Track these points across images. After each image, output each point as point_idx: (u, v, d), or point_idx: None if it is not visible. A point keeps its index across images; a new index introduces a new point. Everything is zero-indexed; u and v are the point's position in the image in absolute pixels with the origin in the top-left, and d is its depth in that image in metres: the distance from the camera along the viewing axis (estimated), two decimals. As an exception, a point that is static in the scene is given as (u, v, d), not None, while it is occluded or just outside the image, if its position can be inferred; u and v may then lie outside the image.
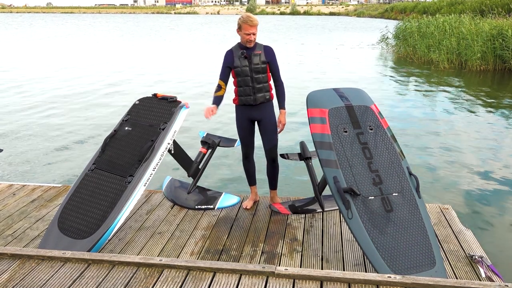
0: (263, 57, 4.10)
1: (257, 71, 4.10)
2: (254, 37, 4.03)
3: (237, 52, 4.10)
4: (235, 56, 4.10)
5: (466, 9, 28.47)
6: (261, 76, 4.12)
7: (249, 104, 4.16)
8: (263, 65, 4.11)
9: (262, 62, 4.10)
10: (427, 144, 8.23)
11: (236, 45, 4.17)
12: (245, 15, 4.05)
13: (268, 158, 4.38)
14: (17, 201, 4.78)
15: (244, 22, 3.98)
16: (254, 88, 4.11)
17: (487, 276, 3.33)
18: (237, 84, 4.15)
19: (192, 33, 44.95)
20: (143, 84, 14.72)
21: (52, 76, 16.72)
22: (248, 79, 4.10)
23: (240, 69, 4.09)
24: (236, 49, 4.13)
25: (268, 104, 4.24)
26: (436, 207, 4.53)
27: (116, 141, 4.21)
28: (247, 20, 3.97)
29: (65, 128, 9.44)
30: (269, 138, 4.27)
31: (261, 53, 4.10)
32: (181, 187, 4.86)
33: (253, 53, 4.09)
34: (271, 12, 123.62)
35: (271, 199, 4.58)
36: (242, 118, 4.25)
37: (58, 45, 30.23)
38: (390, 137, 3.70)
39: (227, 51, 4.16)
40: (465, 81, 15.16)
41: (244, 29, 3.99)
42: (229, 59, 4.12)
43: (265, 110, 4.22)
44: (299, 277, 2.83)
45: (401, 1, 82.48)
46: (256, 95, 4.13)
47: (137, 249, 3.80)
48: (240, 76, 4.11)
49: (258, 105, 4.18)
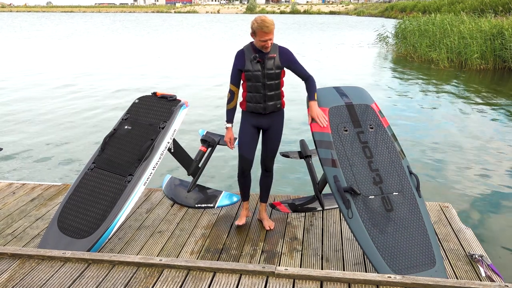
0: (277, 61, 3.67)
1: (271, 77, 3.68)
2: (270, 43, 3.60)
3: (249, 54, 3.68)
4: (247, 58, 3.67)
5: (466, 8, 28.44)
6: (274, 83, 3.71)
7: (258, 112, 3.78)
8: (277, 71, 3.69)
9: (276, 67, 3.68)
10: (427, 143, 8.23)
11: (249, 45, 3.73)
12: (259, 19, 3.56)
13: (264, 168, 4.07)
14: (17, 200, 4.77)
15: (259, 28, 3.52)
16: (266, 96, 3.71)
17: (487, 275, 3.32)
18: (246, 89, 3.75)
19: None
20: (143, 83, 14.70)
21: (52, 74, 16.71)
22: (260, 86, 3.69)
23: (251, 73, 3.67)
24: (248, 50, 3.70)
25: (279, 113, 3.86)
26: (436, 205, 4.53)
27: (116, 140, 4.21)
28: (262, 26, 3.51)
29: (64, 127, 9.43)
30: (271, 147, 3.95)
31: (275, 57, 3.67)
32: (181, 185, 4.85)
33: (267, 56, 3.65)
34: (271, 11, 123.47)
35: (259, 213, 4.23)
36: (247, 124, 3.86)
37: (57, 46, 30.21)
38: (391, 136, 3.69)
39: (238, 52, 3.74)
40: (465, 80, 15.16)
41: (259, 35, 3.55)
42: (240, 61, 3.70)
43: (275, 119, 3.85)
44: (299, 277, 2.82)
45: (401, 0, 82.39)
46: (267, 103, 3.74)
47: (137, 248, 3.79)
48: (250, 81, 3.70)
49: (268, 114, 3.81)
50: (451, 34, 18.54)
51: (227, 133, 3.88)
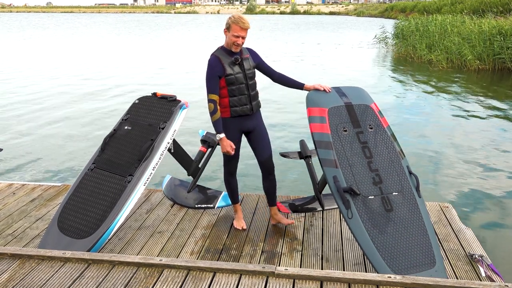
0: (251, 61, 3.79)
1: (250, 76, 3.75)
2: (242, 41, 3.61)
3: (225, 58, 3.64)
4: (224, 62, 3.63)
5: (466, 8, 28.45)
6: (254, 82, 3.81)
7: (246, 114, 3.76)
8: (254, 70, 3.81)
9: (252, 66, 3.79)
10: (427, 143, 8.23)
11: (220, 51, 3.70)
12: (237, 15, 3.63)
13: (264, 171, 4.01)
14: (17, 201, 4.77)
15: (235, 23, 3.55)
16: (250, 96, 3.75)
17: (487, 275, 3.32)
18: (228, 94, 3.68)
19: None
20: (143, 83, 14.70)
21: (52, 74, 16.71)
22: (243, 87, 3.70)
23: (234, 76, 3.64)
24: (222, 55, 3.66)
25: (259, 112, 3.94)
26: (436, 205, 4.53)
27: (116, 140, 4.21)
28: (239, 21, 3.55)
29: (64, 127, 9.44)
30: (264, 147, 3.92)
31: (249, 57, 3.78)
32: (181, 186, 4.85)
33: (243, 57, 3.72)
34: (271, 11, 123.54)
35: (273, 217, 4.18)
36: (234, 130, 3.80)
37: (57, 46, 30.21)
38: (390, 136, 3.70)
39: (211, 59, 3.65)
40: (465, 81, 15.16)
41: (233, 30, 3.56)
42: (217, 67, 3.61)
43: (258, 119, 3.90)
44: (299, 277, 2.83)
45: (401, 1, 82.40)
46: (252, 103, 3.78)
47: (137, 249, 3.80)
48: (233, 85, 3.66)
49: (253, 114, 3.84)
50: (451, 35, 18.54)
51: (224, 143, 3.71)
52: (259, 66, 3.88)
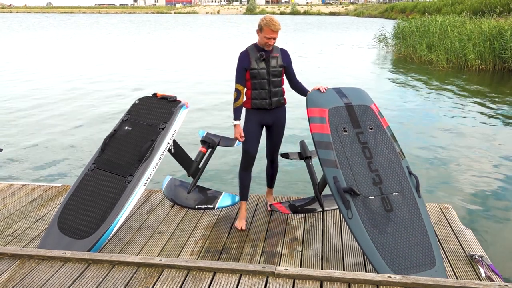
0: (280, 60, 4.00)
1: (274, 74, 3.97)
2: (274, 42, 3.91)
3: (254, 54, 3.94)
4: (252, 57, 3.93)
5: (466, 9, 28.45)
6: (277, 80, 4.00)
7: (264, 108, 4.02)
8: (280, 69, 4.00)
9: (279, 65, 3.99)
10: (427, 143, 8.23)
11: (252, 46, 4.01)
12: (268, 17, 3.88)
13: (270, 160, 4.39)
14: (17, 201, 4.78)
15: (266, 26, 3.82)
16: (270, 91, 3.98)
17: (487, 275, 3.33)
18: (251, 87, 3.98)
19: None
20: (143, 83, 14.71)
21: (51, 75, 16.72)
22: (265, 82, 3.96)
23: (257, 71, 3.93)
24: (252, 50, 3.97)
25: (282, 109, 4.14)
26: (436, 207, 4.54)
27: (116, 141, 4.21)
28: (270, 24, 3.82)
29: (64, 128, 9.44)
30: (276, 142, 4.24)
31: (278, 56, 4.00)
32: (181, 186, 4.85)
33: (271, 55, 3.96)
34: (271, 12, 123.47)
35: (267, 195, 4.58)
36: (253, 122, 4.06)
37: (57, 46, 30.22)
38: (390, 136, 3.70)
39: (242, 52, 3.99)
40: (465, 81, 15.16)
41: (265, 32, 3.84)
42: (245, 61, 3.94)
43: (279, 115, 4.11)
44: (299, 277, 2.83)
45: (401, 1, 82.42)
46: (272, 99, 4.00)
47: (137, 249, 3.80)
48: (256, 79, 3.95)
49: (273, 110, 4.06)
50: (451, 35, 18.54)
51: (236, 129, 3.98)
52: (285, 68, 4.07)
